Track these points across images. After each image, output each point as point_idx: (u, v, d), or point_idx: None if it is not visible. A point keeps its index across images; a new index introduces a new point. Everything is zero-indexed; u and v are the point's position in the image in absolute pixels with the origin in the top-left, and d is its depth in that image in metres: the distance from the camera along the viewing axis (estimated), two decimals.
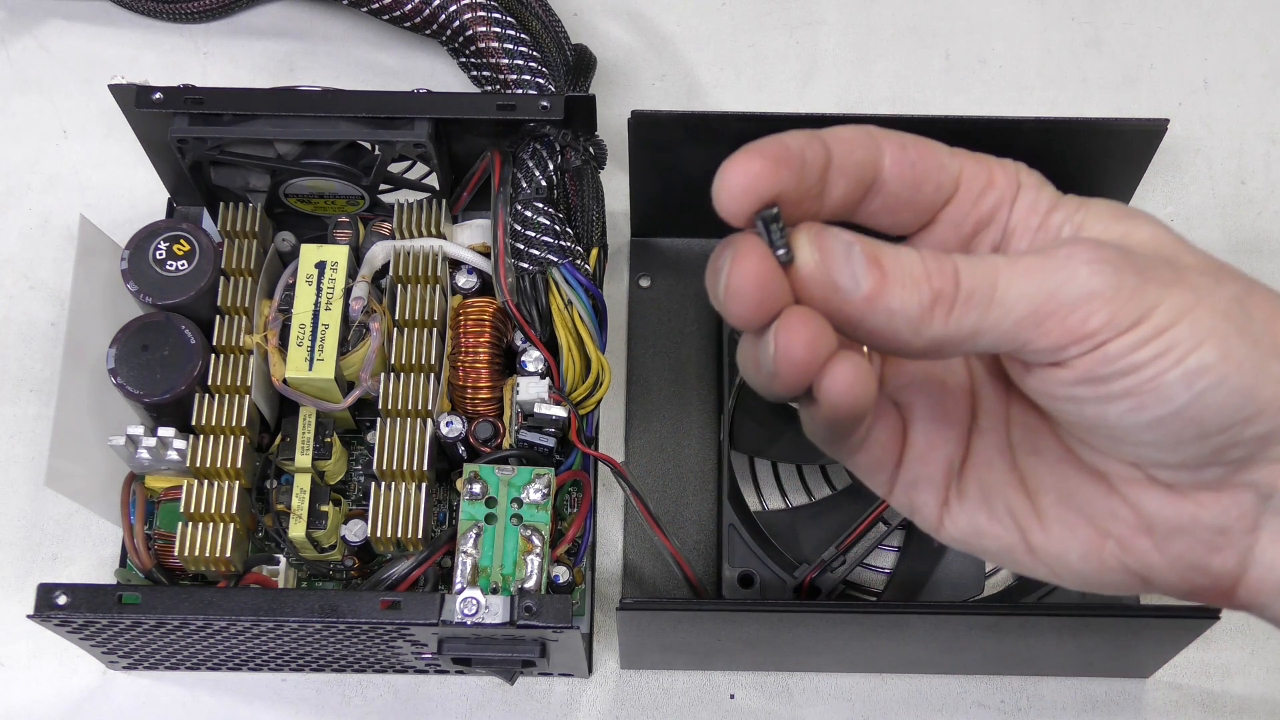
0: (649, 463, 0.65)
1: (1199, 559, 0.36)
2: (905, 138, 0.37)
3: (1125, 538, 0.37)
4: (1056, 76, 0.75)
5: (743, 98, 0.74)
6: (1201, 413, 0.35)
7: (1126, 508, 0.37)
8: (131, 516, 0.59)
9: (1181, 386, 0.34)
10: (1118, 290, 0.34)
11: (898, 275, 0.34)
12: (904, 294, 0.34)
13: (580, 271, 0.60)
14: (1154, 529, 0.37)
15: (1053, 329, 0.34)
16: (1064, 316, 0.34)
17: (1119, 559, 0.37)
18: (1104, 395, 0.35)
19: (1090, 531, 0.37)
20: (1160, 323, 0.34)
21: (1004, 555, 0.39)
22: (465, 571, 0.55)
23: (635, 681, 0.62)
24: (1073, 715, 0.61)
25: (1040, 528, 0.38)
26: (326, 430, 0.60)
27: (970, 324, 0.35)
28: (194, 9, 0.75)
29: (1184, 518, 0.36)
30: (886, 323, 0.34)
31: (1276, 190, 0.72)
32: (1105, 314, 0.34)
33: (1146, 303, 0.34)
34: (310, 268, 0.60)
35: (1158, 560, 0.37)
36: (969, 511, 0.39)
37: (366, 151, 0.61)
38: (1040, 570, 0.38)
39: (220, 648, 0.57)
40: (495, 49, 0.68)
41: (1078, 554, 0.38)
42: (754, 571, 0.60)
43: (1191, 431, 0.35)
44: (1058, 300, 0.34)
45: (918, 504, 0.39)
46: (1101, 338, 0.34)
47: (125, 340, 0.59)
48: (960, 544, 0.39)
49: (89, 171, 0.72)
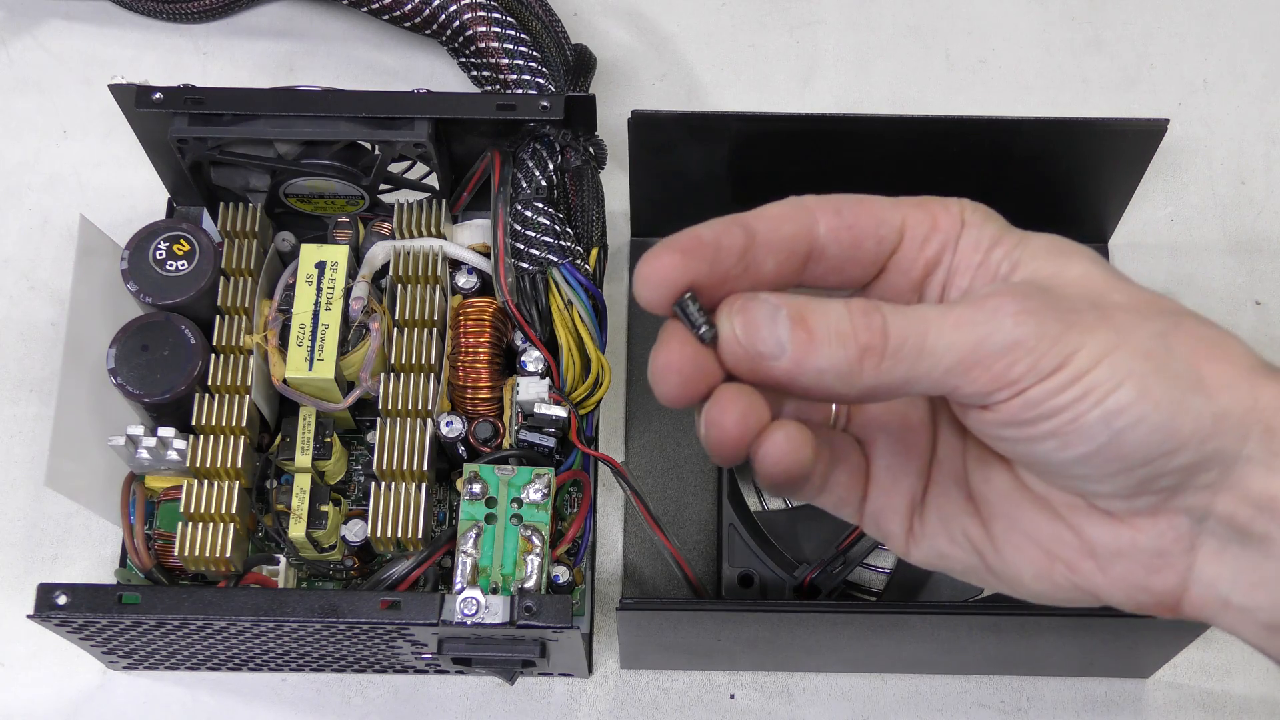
0: (649, 463, 0.65)
1: (1140, 580, 0.38)
2: (841, 200, 0.39)
3: (1071, 560, 0.39)
4: (1056, 76, 0.75)
5: (742, 98, 0.74)
6: (1122, 449, 0.36)
7: (1070, 533, 0.39)
8: (131, 516, 0.59)
9: (1101, 426, 0.36)
10: (1040, 339, 0.36)
11: (824, 334, 0.36)
12: (831, 351, 0.36)
13: (580, 271, 0.60)
14: (1096, 553, 0.39)
15: (979, 376, 0.36)
16: (989, 365, 0.36)
17: (1068, 579, 0.39)
18: (1030, 436, 0.37)
19: (1039, 554, 0.39)
20: (1080, 367, 0.36)
21: (970, 575, 0.41)
22: (465, 571, 0.55)
23: (635, 681, 0.62)
24: (1073, 715, 0.61)
25: (995, 551, 0.40)
26: (326, 430, 0.60)
27: (901, 374, 0.37)
28: (194, 9, 0.75)
29: (1123, 542, 0.38)
30: (817, 380, 0.36)
31: (1276, 190, 0.72)
32: (1028, 362, 0.36)
33: (1067, 349, 0.36)
34: (310, 268, 0.60)
35: (1102, 581, 0.39)
36: (930, 537, 0.41)
37: (366, 151, 0.61)
38: (1003, 588, 0.40)
39: (220, 648, 0.57)
40: (495, 49, 0.68)
41: (1030, 575, 0.40)
42: (754, 571, 0.60)
43: (1115, 466, 0.37)
44: (984, 350, 0.36)
45: (885, 531, 0.41)
46: (1024, 384, 0.36)
47: (125, 340, 0.59)
48: (928, 565, 0.41)
49: (89, 171, 0.72)
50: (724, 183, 0.65)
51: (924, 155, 0.63)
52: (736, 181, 0.65)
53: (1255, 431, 0.37)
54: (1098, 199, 0.67)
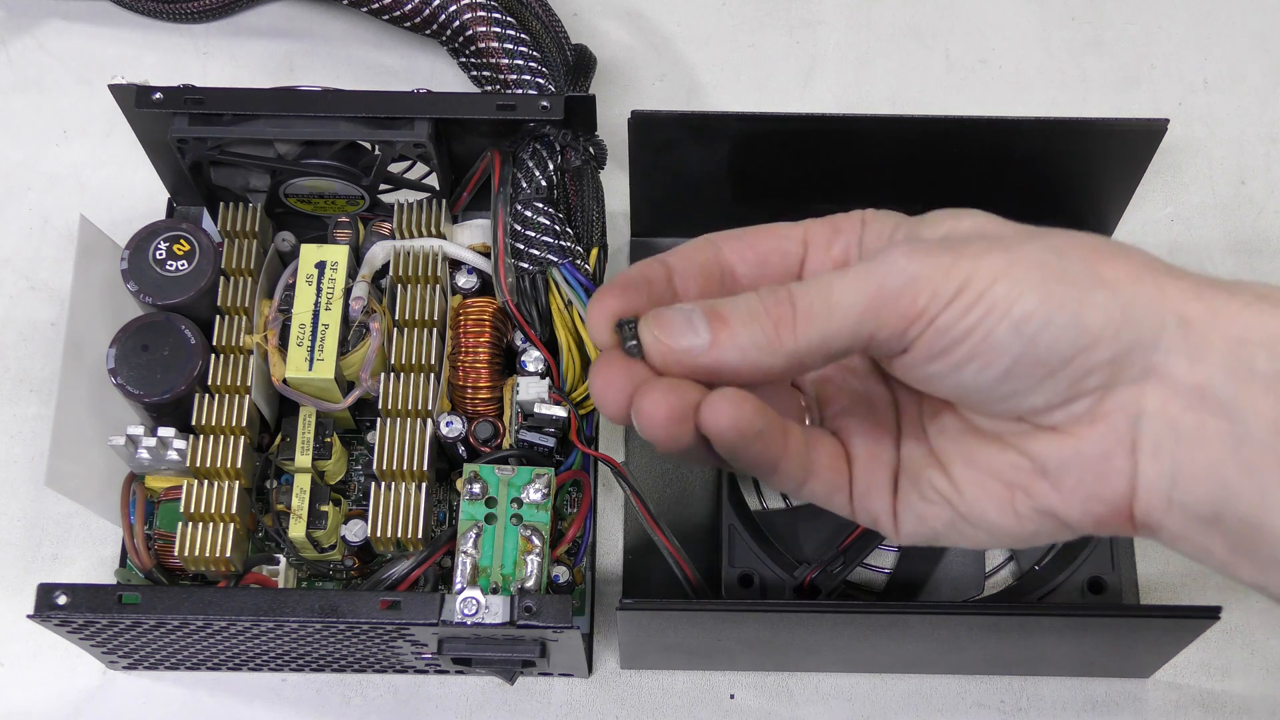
0: (649, 463, 0.65)
1: (1091, 488, 0.40)
2: (745, 229, 0.45)
3: (1026, 485, 0.41)
4: (1056, 76, 0.75)
5: (743, 98, 0.74)
6: (1039, 354, 0.39)
7: (1020, 456, 0.41)
8: (131, 516, 0.59)
9: (1013, 336, 0.39)
10: (933, 269, 0.39)
11: (737, 317, 0.40)
12: (747, 330, 0.40)
13: (580, 271, 0.60)
14: (1047, 470, 0.41)
15: (888, 317, 0.39)
16: (895, 303, 0.39)
17: (1028, 505, 0.41)
18: (953, 365, 0.40)
19: (998, 487, 0.42)
20: (979, 287, 0.39)
21: (950, 532, 0.43)
22: (465, 571, 0.55)
23: (635, 681, 0.62)
24: (1073, 715, 0.61)
25: (960, 495, 0.42)
26: (326, 430, 0.60)
27: (817, 334, 0.40)
28: (194, 9, 0.75)
29: (1068, 453, 0.40)
30: (742, 358, 0.40)
31: (1276, 190, 0.72)
32: (928, 291, 0.39)
33: (962, 273, 0.39)
34: (310, 268, 0.60)
35: (1058, 499, 0.41)
36: (909, 503, 0.44)
37: (366, 151, 0.61)
38: (981, 537, 0.43)
39: (220, 648, 0.57)
40: (495, 49, 0.68)
41: (995, 510, 0.42)
42: (754, 571, 0.60)
43: (1040, 373, 0.39)
44: (885, 291, 0.39)
45: (875, 512, 0.44)
46: (931, 313, 0.39)
47: (125, 340, 0.59)
48: (916, 537, 0.44)
49: (89, 171, 0.72)
50: (724, 183, 0.65)
51: (924, 155, 0.63)
52: (736, 181, 0.65)
53: (1170, 323, 0.39)
54: (1098, 199, 0.67)
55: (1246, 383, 0.37)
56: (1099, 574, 0.60)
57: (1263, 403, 0.37)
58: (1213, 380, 0.38)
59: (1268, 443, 0.37)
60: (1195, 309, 0.38)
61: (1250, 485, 0.37)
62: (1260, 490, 0.37)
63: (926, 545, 0.45)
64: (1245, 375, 0.37)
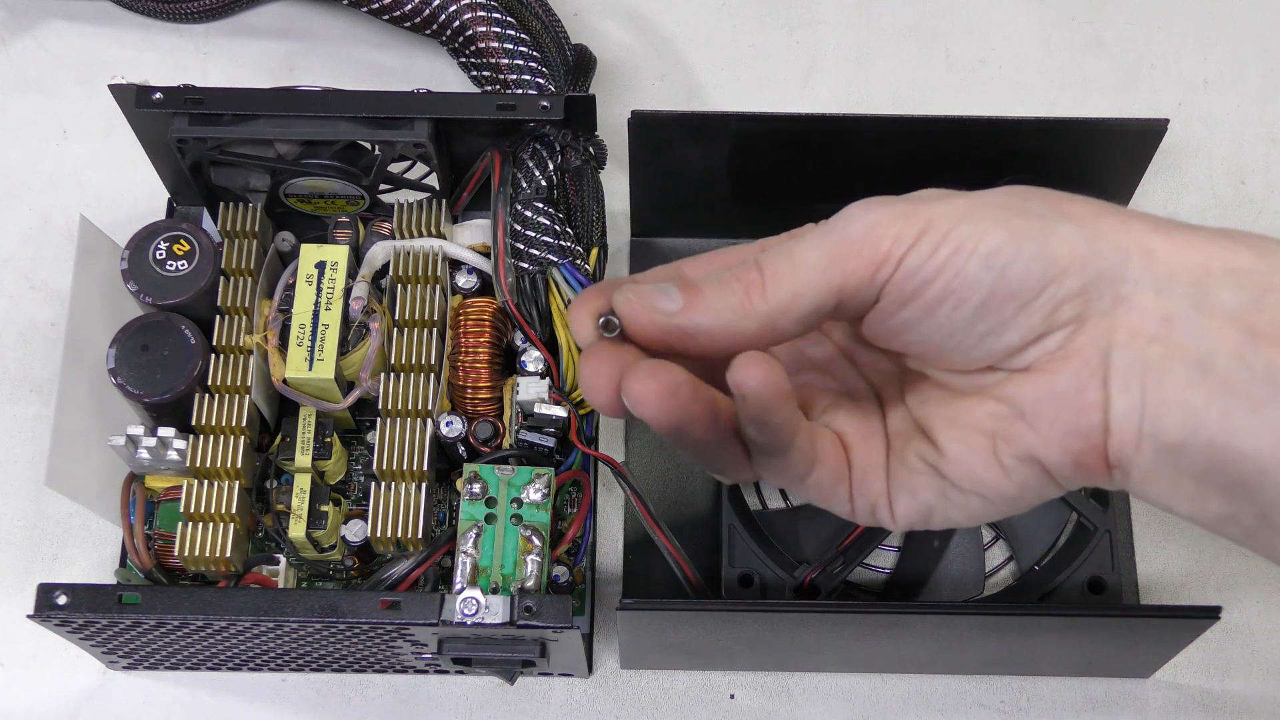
0: (649, 463, 0.65)
1: (1068, 424, 0.40)
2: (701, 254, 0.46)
3: (1006, 431, 0.41)
4: (1056, 76, 0.75)
5: (743, 98, 0.74)
6: (1011, 285, 0.39)
7: (998, 404, 0.42)
8: (131, 516, 0.59)
9: (983, 270, 0.39)
10: (893, 216, 0.40)
11: (709, 283, 0.42)
12: (720, 293, 0.41)
13: (580, 271, 0.60)
14: (1024, 411, 0.41)
15: (855, 265, 0.40)
16: (859, 251, 0.40)
17: (1009, 453, 0.42)
18: (926, 306, 0.40)
19: (979, 438, 0.42)
20: (943, 228, 0.40)
21: (943, 504, 0.44)
22: (465, 571, 0.55)
23: (635, 681, 0.62)
24: (1073, 715, 0.61)
25: (944, 457, 0.43)
26: (326, 430, 0.60)
27: (787, 293, 0.41)
28: (194, 9, 0.75)
29: (1042, 389, 0.41)
30: (715, 319, 0.41)
31: (1276, 190, 0.72)
32: (891, 234, 0.40)
33: (924, 217, 0.40)
34: (310, 268, 0.60)
35: (1037, 439, 0.41)
36: (900, 480, 0.44)
37: (366, 151, 0.61)
38: (973, 503, 0.43)
39: (220, 648, 0.57)
40: (495, 49, 0.68)
41: (980, 463, 0.42)
42: (754, 571, 0.60)
43: (1013, 306, 0.40)
44: (848, 240, 0.40)
45: (872, 497, 0.45)
46: (897, 254, 0.40)
47: (125, 340, 0.59)
48: (912, 516, 0.45)
49: (89, 171, 0.72)
50: (724, 183, 0.65)
51: (924, 155, 0.63)
52: (736, 181, 0.65)
53: (1135, 255, 0.39)
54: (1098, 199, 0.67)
55: (1211, 312, 0.38)
56: (1099, 574, 0.60)
57: (1227, 331, 0.38)
58: (1177, 310, 0.39)
59: (1232, 367, 0.38)
60: (1158, 241, 0.39)
61: (1215, 409, 0.38)
62: (1225, 413, 0.38)
63: (924, 528, 0.45)
64: (1210, 305, 0.38)
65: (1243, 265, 0.39)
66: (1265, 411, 0.37)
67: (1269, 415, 0.37)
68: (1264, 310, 0.38)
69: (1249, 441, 0.38)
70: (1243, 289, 0.38)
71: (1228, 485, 0.39)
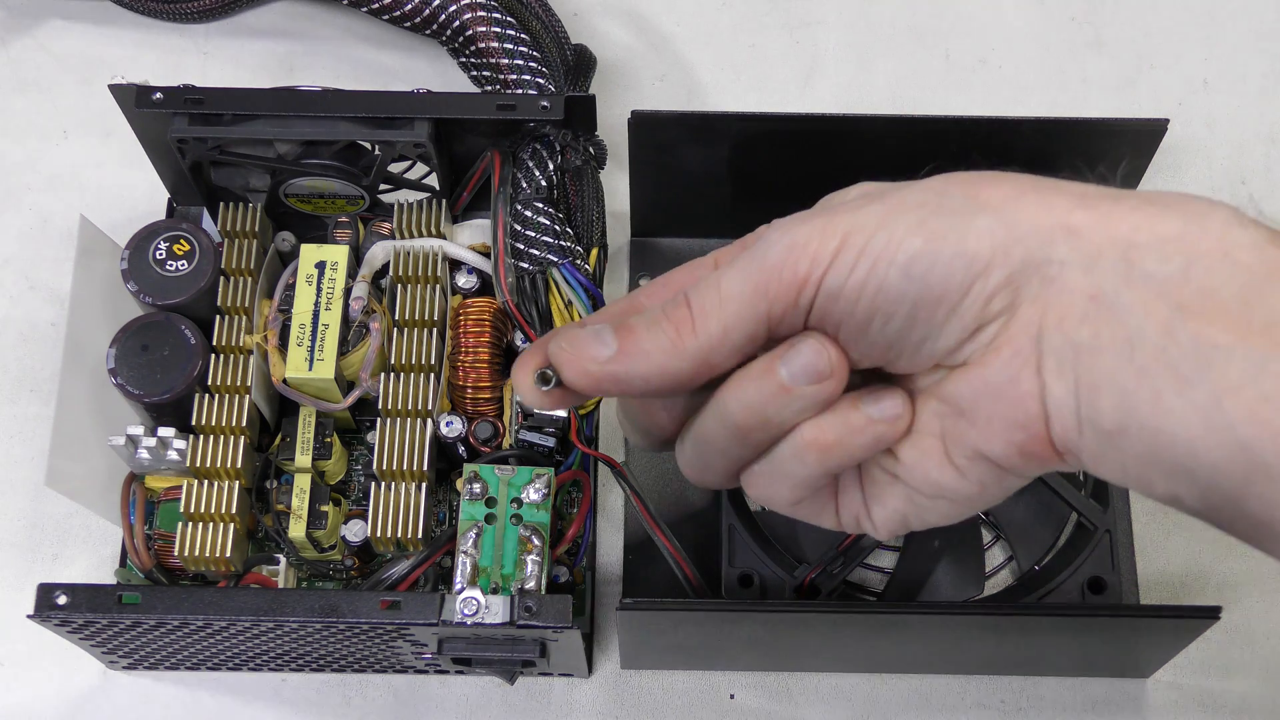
0: (649, 463, 0.65)
1: (1007, 416, 0.39)
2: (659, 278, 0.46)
3: (952, 431, 0.41)
4: (1056, 76, 0.75)
5: (743, 98, 0.74)
6: (935, 292, 0.39)
7: (940, 403, 0.41)
8: (131, 516, 0.59)
9: (903, 280, 0.39)
10: (809, 233, 0.39)
11: (642, 324, 0.42)
12: (652, 334, 0.42)
13: (580, 271, 0.60)
14: (963, 408, 0.40)
15: (776, 291, 0.40)
16: (778, 276, 0.40)
17: (959, 453, 0.41)
18: (857, 325, 0.40)
19: (930, 440, 0.42)
20: (858, 242, 0.39)
21: (914, 510, 0.43)
22: (465, 571, 0.55)
23: (635, 681, 0.62)
24: (1073, 715, 0.61)
25: (901, 465, 0.42)
26: (326, 430, 0.60)
27: (716, 327, 0.41)
28: (194, 9, 0.75)
29: (976, 383, 0.40)
30: (649, 364, 0.41)
31: (1276, 190, 0.72)
32: (807, 255, 0.39)
33: (839, 231, 0.39)
34: (310, 268, 0.60)
35: (978, 435, 0.40)
36: (871, 494, 0.44)
37: (366, 151, 0.61)
38: (942, 507, 0.43)
39: (220, 648, 0.57)
40: (495, 49, 0.68)
41: (934, 467, 0.42)
42: (754, 571, 0.60)
43: (943, 311, 0.39)
44: (767, 267, 0.40)
45: (855, 512, 0.45)
46: (816, 275, 0.39)
47: (125, 340, 0.59)
48: (892, 525, 0.44)
49: (89, 171, 0.72)
50: (724, 183, 0.65)
51: (924, 155, 0.63)
52: (736, 181, 0.65)
53: (1059, 234, 0.38)
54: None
55: (1138, 286, 0.37)
56: (1099, 574, 0.60)
57: (1154, 306, 0.37)
58: (1105, 287, 0.37)
59: (1160, 345, 0.37)
60: (1081, 217, 0.38)
61: (1145, 389, 0.37)
62: (1155, 393, 0.37)
63: (905, 532, 0.45)
64: (1137, 279, 0.37)
65: (1169, 232, 0.37)
66: (1191, 392, 0.36)
67: (1194, 396, 0.36)
68: (1190, 280, 0.37)
69: (1178, 425, 0.36)
70: (1169, 259, 0.37)
71: (1165, 467, 0.37)
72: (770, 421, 0.42)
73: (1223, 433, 0.36)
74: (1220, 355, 0.36)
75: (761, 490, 0.45)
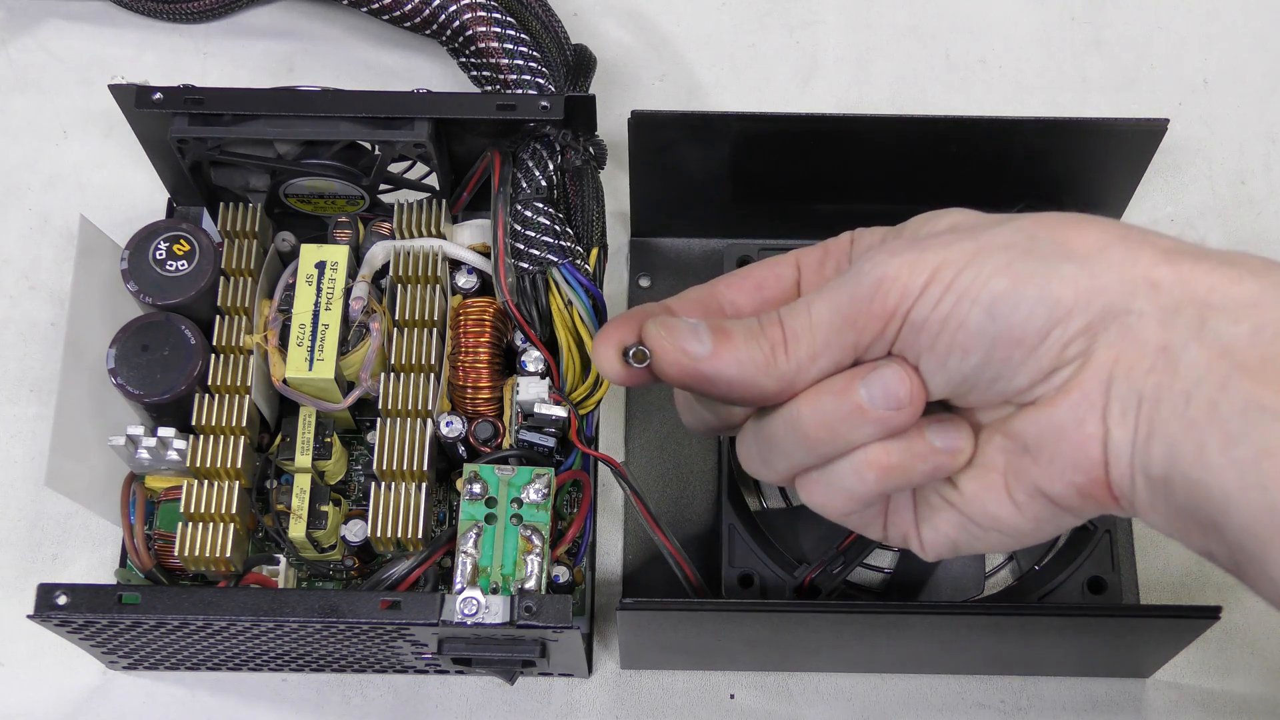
0: (649, 463, 0.65)
1: (1070, 457, 0.40)
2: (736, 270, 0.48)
3: (1016, 466, 0.42)
4: (1056, 76, 0.75)
5: (743, 98, 0.74)
6: (1015, 333, 0.40)
7: (1006, 439, 0.42)
8: (131, 516, 0.59)
9: (985, 320, 0.40)
10: (899, 267, 0.41)
11: (740, 332, 0.43)
12: (748, 345, 0.43)
13: (580, 271, 0.60)
14: (1029, 445, 0.41)
15: (865, 322, 0.41)
16: (868, 307, 0.41)
17: (1020, 489, 0.42)
18: (939, 359, 0.41)
19: (993, 476, 0.43)
20: (946, 277, 0.40)
21: (965, 538, 0.44)
22: (465, 571, 0.55)
23: (635, 681, 0.62)
24: (1073, 715, 0.61)
25: (960, 495, 0.43)
26: (326, 430, 0.60)
27: (805, 352, 0.42)
28: (194, 9, 0.75)
29: (1043, 423, 0.41)
30: (739, 372, 0.43)
31: (1276, 190, 0.72)
32: (896, 289, 0.41)
33: (928, 266, 0.40)
34: (310, 268, 0.60)
35: (1040, 473, 0.41)
36: (924, 516, 0.45)
37: (366, 151, 0.61)
38: (994, 538, 0.44)
39: (220, 648, 0.57)
40: (495, 49, 0.68)
41: (994, 502, 0.43)
42: (754, 571, 0.60)
43: (1020, 352, 0.40)
44: (857, 298, 0.41)
45: (904, 530, 0.46)
46: (903, 308, 0.41)
47: (125, 340, 0.59)
48: (941, 549, 0.45)
49: (89, 171, 0.72)
50: (724, 183, 0.65)
51: (924, 155, 0.63)
52: (736, 181, 0.65)
53: (1141, 286, 0.39)
54: (1098, 199, 0.67)
55: (1206, 344, 0.38)
56: (1099, 574, 0.60)
57: (1216, 364, 0.38)
58: (1175, 341, 0.38)
59: (1212, 400, 0.38)
60: (1164, 273, 0.39)
61: (1190, 442, 0.38)
62: (1200, 446, 0.38)
63: (951, 556, 0.46)
64: (1207, 337, 0.38)
65: (1244, 296, 0.38)
66: (1234, 449, 0.37)
67: (1236, 453, 0.37)
68: (1256, 345, 0.38)
69: (1216, 479, 0.37)
70: (1239, 321, 0.38)
71: (1201, 521, 0.39)
72: (840, 437, 0.43)
73: (1256, 491, 0.37)
74: (1267, 418, 0.37)
75: (815, 497, 0.45)
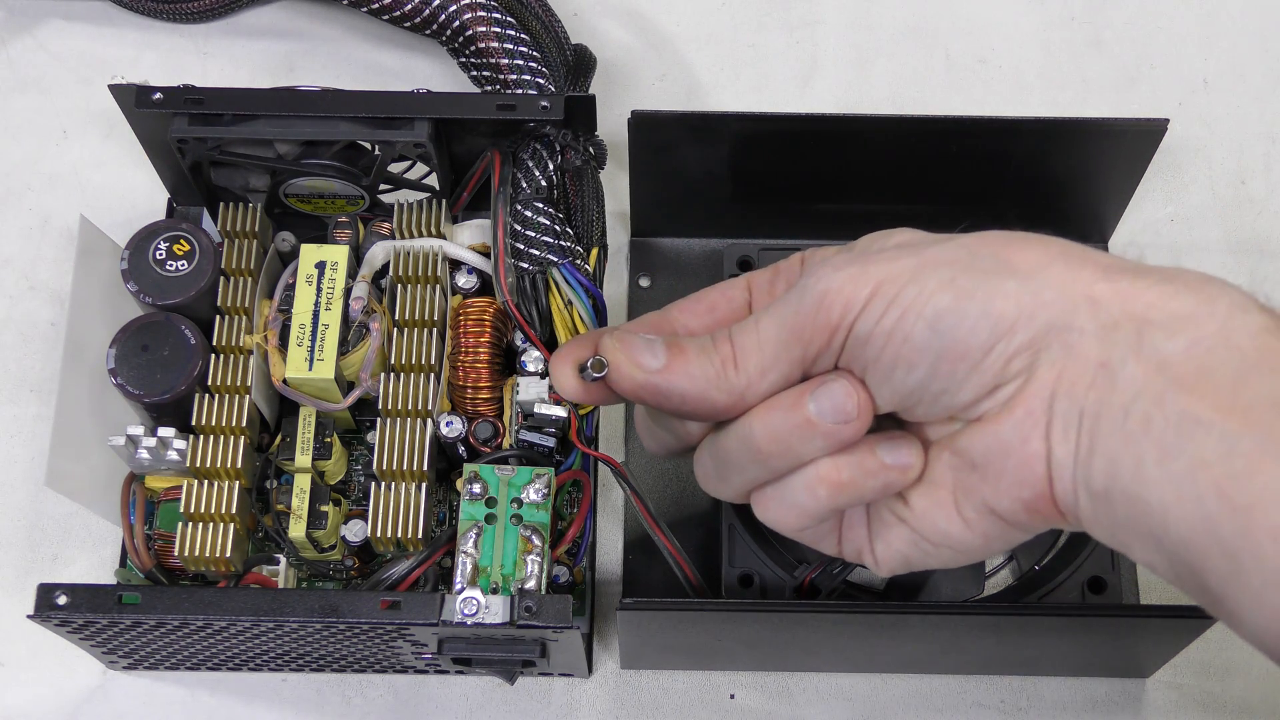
0: (649, 463, 0.65)
1: (1015, 474, 0.41)
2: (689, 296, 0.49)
3: (964, 484, 0.42)
4: (1056, 76, 0.75)
5: (743, 98, 0.74)
6: (959, 348, 0.40)
7: (954, 456, 0.42)
8: (131, 516, 0.59)
9: (929, 334, 0.40)
10: (843, 281, 0.41)
11: (693, 348, 0.44)
12: (700, 359, 0.44)
13: (580, 271, 0.60)
14: (975, 462, 0.42)
15: (811, 335, 0.42)
16: (813, 321, 0.42)
17: (969, 505, 0.42)
18: (881, 371, 0.41)
19: (942, 492, 0.43)
20: (890, 292, 0.40)
21: (917, 554, 0.45)
22: (465, 571, 0.55)
23: (635, 681, 0.62)
24: (1073, 715, 0.61)
25: (910, 511, 0.44)
26: (326, 430, 0.60)
27: (754, 368, 0.43)
28: (194, 9, 0.75)
29: (989, 440, 0.41)
30: (691, 386, 0.44)
31: (1276, 190, 0.72)
32: (840, 302, 0.41)
33: (872, 280, 0.41)
34: (310, 268, 0.60)
35: (988, 490, 0.42)
36: (877, 532, 0.46)
37: (366, 151, 0.61)
38: (945, 554, 0.45)
39: (220, 648, 0.57)
40: (495, 49, 0.68)
41: (943, 518, 0.43)
42: (754, 571, 0.60)
43: (964, 367, 0.40)
44: (802, 312, 0.42)
45: (857, 546, 0.47)
46: (846, 321, 0.41)
47: (125, 340, 0.59)
48: (894, 564, 0.46)
49: (89, 171, 0.72)
50: (724, 183, 0.65)
51: (924, 155, 0.63)
52: (736, 181, 0.65)
53: (1082, 305, 0.40)
54: (1098, 199, 0.67)
55: (1144, 360, 0.38)
56: (1099, 574, 0.60)
57: (1153, 379, 0.38)
58: (1114, 357, 0.39)
59: (1148, 414, 0.38)
60: (1103, 289, 0.40)
61: (1130, 456, 0.38)
62: (1138, 460, 0.38)
63: (907, 572, 0.46)
64: (1145, 352, 0.39)
65: (1181, 310, 0.39)
66: (1170, 463, 0.37)
67: (1172, 467, 0.37)
68: (1191, 359, 0.38)
69: (1154, 492, 0.38)
70: (1175, 336, 0.38)
71: (1142, 534, 0.39)
72: (791, 451, 0.43)
73: (1191, 504, 0.37)
74: (1201, 430, 0.37)
75: (770, 514, 0.46)
